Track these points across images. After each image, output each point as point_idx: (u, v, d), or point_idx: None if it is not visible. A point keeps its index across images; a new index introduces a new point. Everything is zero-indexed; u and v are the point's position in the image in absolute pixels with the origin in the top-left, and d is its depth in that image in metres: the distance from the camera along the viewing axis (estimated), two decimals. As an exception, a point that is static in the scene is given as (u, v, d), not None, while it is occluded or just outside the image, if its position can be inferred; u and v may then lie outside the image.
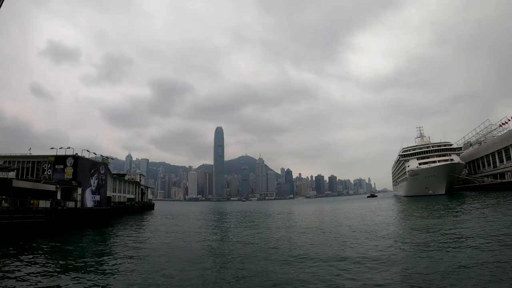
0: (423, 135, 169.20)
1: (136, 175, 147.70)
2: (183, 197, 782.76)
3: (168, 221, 76.63)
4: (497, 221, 38.62)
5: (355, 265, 22.37)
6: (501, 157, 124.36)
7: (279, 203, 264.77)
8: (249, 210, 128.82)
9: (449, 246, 26.34)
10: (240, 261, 25.75)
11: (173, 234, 48.25)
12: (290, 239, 37.89)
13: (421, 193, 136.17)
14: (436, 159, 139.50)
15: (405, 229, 41.81)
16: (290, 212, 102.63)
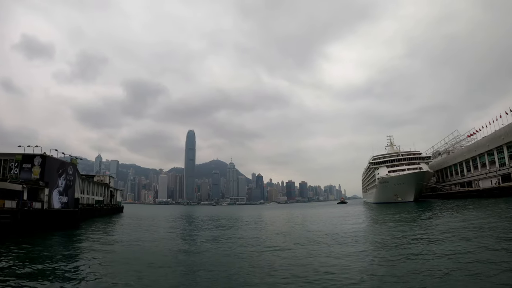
0: (393, 144, 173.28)
1: (105, 177, 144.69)
2: (153, 201, 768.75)
3: (137, 225, 75.00)
4: (460, 226, 40.75)
5: (323, 269, 22.58)
6: (468, 166, 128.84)
7: (250, 208, 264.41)
8: (220, 215, 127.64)
9: (417, 249, 27.86)
10: (208, 266, 25.71)
11: (142, 238, 47.40)
12: (260, 243, 38.01)
13: (390, 200, 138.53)
14: (406, 167, 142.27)
15: (374, 235, 42.71)
16: (260, 217, 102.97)
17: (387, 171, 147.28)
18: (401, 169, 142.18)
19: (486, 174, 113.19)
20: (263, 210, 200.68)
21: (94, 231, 58.36)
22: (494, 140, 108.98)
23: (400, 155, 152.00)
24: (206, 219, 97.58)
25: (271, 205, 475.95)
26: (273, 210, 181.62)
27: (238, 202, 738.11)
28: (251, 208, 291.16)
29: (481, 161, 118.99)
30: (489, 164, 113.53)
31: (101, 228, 65.95)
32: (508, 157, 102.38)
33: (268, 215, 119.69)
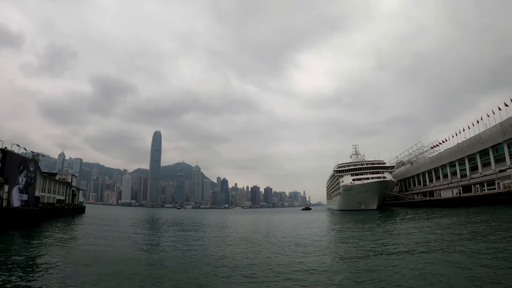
0: (358, 152, 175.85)
1: (68, 175, 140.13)
2: (116, 202, 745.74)
3: (99, 227, 71.48)
4: (418, 232, 43.77)
5: (285, 275, 22.51)
6: (431, 176, 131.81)
7: (214, 212, 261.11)
8: (184, 218, 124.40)
9: (378, 254, 29.32)
10: (167, 270, 25.22)
11: (102, 240, 45.24)
12: (223, 248, 37.38)
13: (354, 208, 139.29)
14: (370, 176, 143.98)
15: (337, 240, 43.91)
16: (225, 222, 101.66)
17: (351, 179, 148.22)
18: (365, 177, 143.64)
19: (448, 184, 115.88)
20: (228, 214, 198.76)
21: (54, 231, 55.15)
22: (456, 153, 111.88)
23: (365, 164, 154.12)
24: (171, 223, 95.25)
25: (236, 210, 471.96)
26: (237, 215, 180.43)
27: (203, 206, 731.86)
28: (215, 212, 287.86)
29: (443, 172, 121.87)
30: (451, 175, 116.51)
31: (61, 229, 62.58)
32: (469, 169, 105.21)
33: (233, 220, 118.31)
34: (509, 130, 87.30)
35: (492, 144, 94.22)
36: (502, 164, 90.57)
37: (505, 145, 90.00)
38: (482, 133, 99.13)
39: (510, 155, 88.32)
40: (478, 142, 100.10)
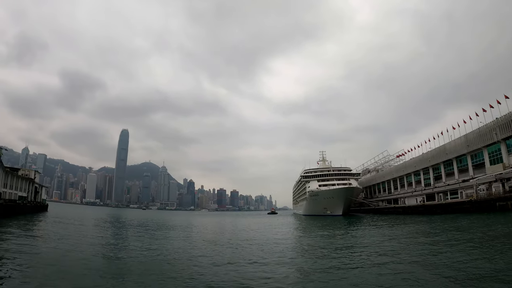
0: (325, 159, 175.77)
1: (31, 171, 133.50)
2: (80, 200, 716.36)
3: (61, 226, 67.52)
4: (380, 237, 45.74)
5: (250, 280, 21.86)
6: (395, 184, 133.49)
7: (180, 214, 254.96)
8: (150, 220, 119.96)
9: (341, 257, 29.77)
10: (134, 274, 23.85)
11: (64, 241, 42.00)
12: (189, 251, 35.70)
13: (319, 213, 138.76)
14: (336, 182, 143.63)
15: (302, 244, 43.45)
16: (191, 224, 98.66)
17: (317, 185, 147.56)
18: (331, 183, 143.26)
19: (412, 192, 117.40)
20: (194, 217, 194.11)
21: (13, 230, 50.73)
22: (421, 162, 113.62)
23: (331, 170, 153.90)
24: (136, 224, 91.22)
25: (202, 212, 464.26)
26: (203, 218, 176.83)
27: (168, 207, 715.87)
28: (181, 214, 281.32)
29: (408, 180, 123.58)
30: (415, 183, 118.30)
31: (21, 227, 58.43)
32: (433, 178, 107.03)
33: (198, 222, 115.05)
34: (472, 142, 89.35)
35: (456, 155, 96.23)
36: (465, 175, 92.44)
37: (468, 157, 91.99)
38: (446, 144, 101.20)
39: (473, 166, 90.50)
40: (443, 152, 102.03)
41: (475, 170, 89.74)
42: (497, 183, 75.89)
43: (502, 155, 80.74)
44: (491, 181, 77.91)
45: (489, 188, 77.46)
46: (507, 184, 73.67)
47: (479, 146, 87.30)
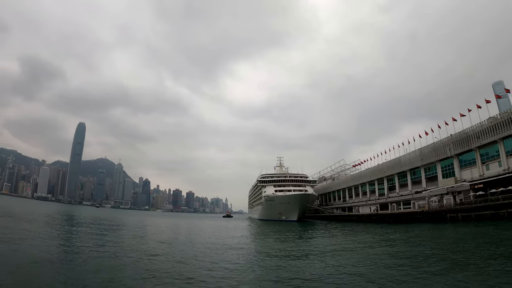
0: (282, 165, 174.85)
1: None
2: (31, 194, 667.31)
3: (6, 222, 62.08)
4: (333, 242, 47.18)
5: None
6: (350, 193, 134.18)
7: (135, 214, 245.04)
8: (103, 218, 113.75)
9: (295, 262, 29.92)
10: (83, 275, 21.98)
11: (13, 240, 37.32)
12: (143, 252, 33.71)
13: (275, 218, 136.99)
14: (292, 188, 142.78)
15: (256, 248, 43.32)
16: (145, 225, 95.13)
17: (273, 190, 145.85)
18: (287, 189, 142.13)
19: (367, 201, 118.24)
20: (149, 217, 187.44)
21: None
22: (376, 172, 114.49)
23: (288, 176, 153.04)
24: (89, 222, 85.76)
25: (157, 213, 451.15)
26: (158, 218, 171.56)
27: (123, 206, 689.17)
28: (135, 213, 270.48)
29: (363, 189, 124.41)
30: (370, 193, 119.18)
31: None
32: (387, 188, 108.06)
33: (153, 223, 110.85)
34: (427, 156, 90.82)
35: (411, 168, 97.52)
36: (418, 186, 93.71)
37: (422, 169, 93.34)
38: (402, 157, 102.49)
39: (426, 178, 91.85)
40: (398, 164, 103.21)
41: (428, 183, 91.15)
42: (449, 196, 77.18)
43: (454, 169, 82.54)
44: (443, 193, 79.10)
45: (441, 200, 78.45)
46: (458, 197, 74.99)
47: (433, 160, 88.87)
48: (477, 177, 75.49)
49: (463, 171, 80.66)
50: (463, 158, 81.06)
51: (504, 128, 69.39)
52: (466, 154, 80.00)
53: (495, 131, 71.57)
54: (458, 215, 66.80)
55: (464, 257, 28.22)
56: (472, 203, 67.38)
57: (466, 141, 78.99)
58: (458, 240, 41.76)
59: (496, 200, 62.03)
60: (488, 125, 73.47)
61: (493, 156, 73.48)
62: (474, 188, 71.18)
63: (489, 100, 77.70)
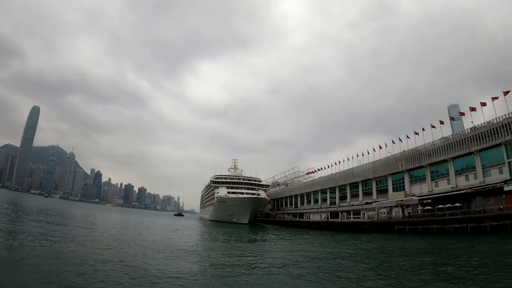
0: (236, 167, 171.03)
1: None
2: None
3: None
4: (281, 248, 46.52)
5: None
6: (302, 200, 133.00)
7: (84, 206, 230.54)
8: (52, 209, 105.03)
9: (243, 265, 28.89)
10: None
11: None
12: (89, 250, 30.62)
13: (226, 220, 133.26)
14: (244, 191, 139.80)
15: (205, 249, 41.68)
16: (95, 219, 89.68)
17: (226, 192, 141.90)
18: (240, 192, 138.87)
19: (318, 209, 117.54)
20: (99, 211, 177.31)
21: None
22: (329, 181, 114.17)
23: (242, 179, 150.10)
24: (37, 212, 79.58)
25: (107, 207, 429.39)
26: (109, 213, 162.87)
27: (72, 198, 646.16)
28: (85, 206, 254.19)
29: (315, 197, 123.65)
30: (321, 201, 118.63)
31: None
32: (339, 197, 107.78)
33: (104, 217, 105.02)
34: (379, 169, 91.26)
35: (363, 179, 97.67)
36: (369, 197, 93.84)
37: (374, 181, 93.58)
38: (355, 168, 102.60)
39: (377, 190, 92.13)
40: (350, 175, 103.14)
41: (379, 195, 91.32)
42: (398, 208, 77.46)
43: (405, 183, 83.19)
44: (392, 206, 79.29)
45: (390, 212, 78.65)
46: (407, 210, 75.34)
47: (385, 173, 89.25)
48: (426, 193, 76.29)
49: (413, 186, 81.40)
50: (414, 173, 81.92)
51: (455, 148, 70.71)
52: (417, 170, 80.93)
53: (446, 150, 72.77)
54: (406, 227, 66.65)
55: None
56: (420, 216, 68.00)
57: (418, 158, 79.93)
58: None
59: (443, 215, 62.80)
60: (440, 145, 74.66)
61: (442, 174, 74.56)
62: (423, 203, 71.86)
63: (443, 122, 78.83)
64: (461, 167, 70.48)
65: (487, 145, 64.25)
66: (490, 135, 63.67)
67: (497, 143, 62.40)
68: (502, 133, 61.38)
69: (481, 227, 54.93)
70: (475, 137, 66.72)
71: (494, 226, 53.36)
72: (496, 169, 63.18)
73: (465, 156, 69.39)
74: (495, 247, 38.77)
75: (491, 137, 63.44)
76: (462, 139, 69.61)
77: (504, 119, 61.76)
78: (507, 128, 60.56)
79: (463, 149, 68.97)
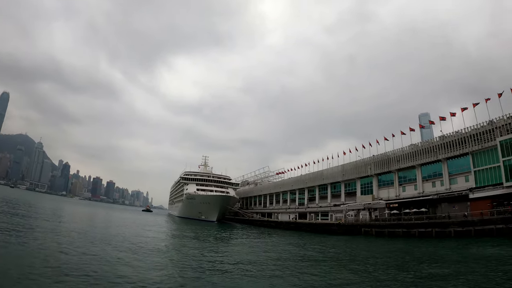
0: (207, 164, 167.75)
1: None
2: None
3: None
4: (249, 247, 45.99)
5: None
6: (271, 199, 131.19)
7: (51, 199, 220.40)
8: (18, 201, 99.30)
9: (209, 263, 28.78)
10: None
11: None
12: (56, 245, 29.42)
13: (194, 217, 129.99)
14: (214, 188, 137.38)
15: (169, 248, 39.85)
16: (62, 212, 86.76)
17: (196, 188, 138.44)
18: (209, 189, 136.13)
19: (286, 209, 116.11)
20: (66, 204, 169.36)
21: None
22: (298, 182, 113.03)
23: (211, 176, 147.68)
24: None
25: (75, 200, 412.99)
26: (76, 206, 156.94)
27: (38, 189, 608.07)
28: (52, 198, 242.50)
29: (284, 197, 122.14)
30: (290, 201, 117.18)
31: None
32: (307, 198, 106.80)
33: (71, 211, 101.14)
34: (348, 172, 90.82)
35: (332, 181, 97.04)
36: (338, 200, 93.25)
37: (342, 184, 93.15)
38: (324, 170, 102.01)
39: (346, 193, 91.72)
40: (320, 177, 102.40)
41: (347, 197, 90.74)
42: (365, 211, 76.94)
43: (373, 187, 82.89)
44: (360, 208, 78.68)
45: (357, 215, 77.98)
46: (374, 213, 74.92)
47: (354, 176, 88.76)
48: (394, 197, 76.20)
49: (381, 190, 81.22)
50: (382, 178, 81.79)
51: (424, 155, 70.95)
52: (386, 175, 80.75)
53: (415, 157, 72.96)
54: (372, 230, 66.18)
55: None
56: (387, 220, 67.69)
57: (387, 163, 79.83)
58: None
59: (409, 220, 62.58)
60: (409, 151, 74.80)
61: (410, 179, 74.61)
62: (390, 207, 71.56)
63: (413, 129, 78.87)
64: (429, 173, 70.67)
65: (454, 153, 64.71)
66: (458, 145, 64.15)
67: (465, 152, 62.88)
68: (470, 143, 61.96)
69: (446, 232, 54.99)
70: (443, 145, 67.14)
71: (458, 232, 53.36)
72: (462, 177, 63.65)
73: (432, 163, 69.69)
74: (458, 252, 38.39)
75: (459, 147, 63.94)
76: (430, 147, 69.94)
77: (472, 130, 62.41)
78: (475, 139, 61.14)
79: (431, 156, 69.27)
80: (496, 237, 47.79)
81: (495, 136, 58.00)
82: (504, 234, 47.94)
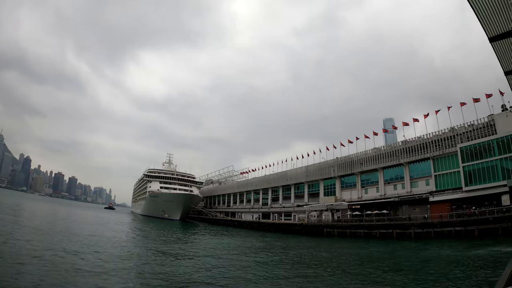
0: (171, 162, 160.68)
1: None
2: None
3: None
4: (211, 246, 43.86)
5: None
6: (235, 199, 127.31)
7: (10, 194, 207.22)
8: None
9: (173, 260, 28.49)
10: None
11: None
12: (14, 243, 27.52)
13: (157, 215, 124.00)
14: (177, 187, 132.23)
15: (138, 246, 38.58)
16: (23, 209, 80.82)
17: (159, 186, 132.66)
18: (173, 187, 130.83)
19: (250, 209, 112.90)
20: (26, 200, 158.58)
21: None
22: (262, 182, 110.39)
23: (175, 175, 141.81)
24: None
25: (35, 196, 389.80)
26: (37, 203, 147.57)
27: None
28: (11, 194, 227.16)
29: (247, 197, 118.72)
30: (254, 201, 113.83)
31: None
32: (271, 199, 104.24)
33: (32, 208, 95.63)
34: (312, 173, 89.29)
35: (295, 182, 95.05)
36: (301, 200, 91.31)
37: (306, 185, 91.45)
38: (288, 171, 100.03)
39: (309, 194, 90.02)
40: (284, 177, 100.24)
41: (310, 198, 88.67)
42: (328, 212, 75.56)
43: (336, 189, 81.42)
44: (322, 209, 77.19)
45: (320, 216, 76.43)
46: (336, 214, 73.63)
47: (317, 178, 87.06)
48: (356, 199, 75.02)
49: (344, 191, 79.83)
50: (345, 180, 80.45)
51: (386, 159, 70.28)
52: (349, 177, 79.49)
53: (377, 160, 72.20)
54: (335, 230, 64.91)
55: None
56: (349, 221, 66.78)
57: (350, 165, 78.68)
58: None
59: (371, 221, 61.73)
60: (372, 154, 74.02)
61: (372, 182, 73.76)
62: (352, 208, 70.68)
63: (376, 133, 78.22)
64: (391, 176, 69.92)
65: (416, 158, 64.38)
66: (420, 149, 63.90)
67: (426, 157, 62.65)
68: (431, 148, 61.85)
69: (406, 233, 54.61)
70: (405, 150, 66.66)
71: (418, 233, 53.00)
72: (423, 181, 63.35)
73: (395, 166, 69.02)
74: (416, 253, 37.55)
75: (421, 151, 63.70)
76: (393, 151, 69.35)
77: (434, 136, 62.42)
78: (437, 145, 61.06)
79: (394, 160, 68.65)
80: (455, 239, 47.51)
81: (456, 143, 57.96)
82: (462, 236, 47.71)
